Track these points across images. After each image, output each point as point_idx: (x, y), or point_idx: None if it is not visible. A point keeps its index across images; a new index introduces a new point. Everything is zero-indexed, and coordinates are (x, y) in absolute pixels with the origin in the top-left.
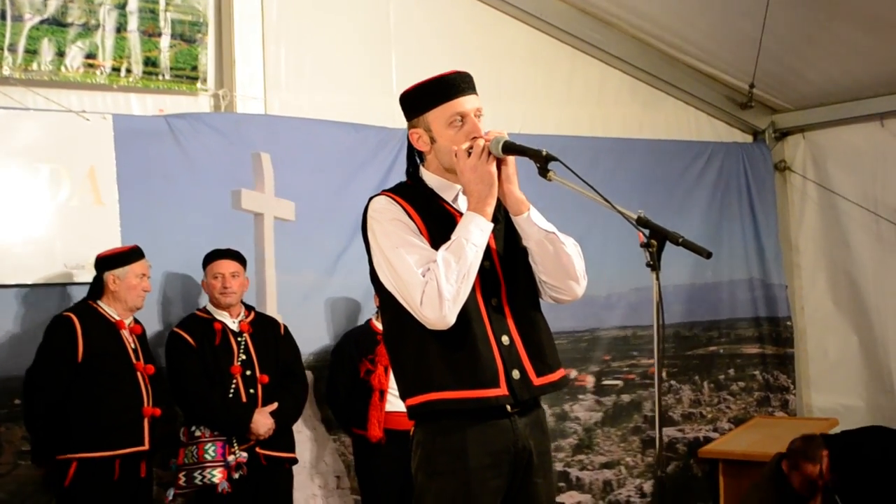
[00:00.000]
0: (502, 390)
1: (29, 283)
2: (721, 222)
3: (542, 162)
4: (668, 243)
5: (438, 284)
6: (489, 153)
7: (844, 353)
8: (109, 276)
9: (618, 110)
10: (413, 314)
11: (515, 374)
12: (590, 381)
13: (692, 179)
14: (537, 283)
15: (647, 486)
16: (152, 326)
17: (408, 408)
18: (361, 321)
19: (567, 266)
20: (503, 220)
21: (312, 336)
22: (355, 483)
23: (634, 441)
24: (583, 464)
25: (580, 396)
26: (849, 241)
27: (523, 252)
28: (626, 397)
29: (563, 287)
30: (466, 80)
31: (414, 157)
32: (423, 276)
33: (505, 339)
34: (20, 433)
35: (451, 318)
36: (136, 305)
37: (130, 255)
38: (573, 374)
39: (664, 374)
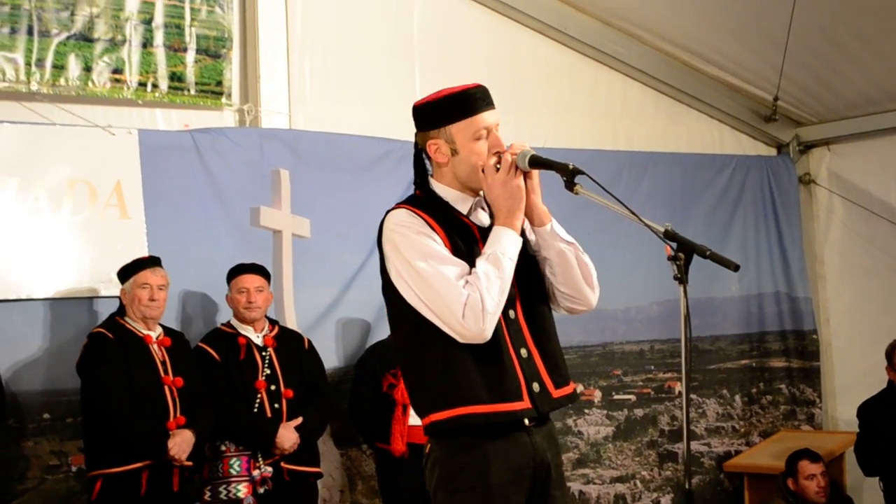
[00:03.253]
0: (525, 403)
1: (57, 296)
2: (745, 235)
3: (569, 175)
4: (695, 256)
5: (482, 297)
6: (516, 167)
7: (870, 366)
8: (121, 290)
9: (641, 123)
10: (445, 328)
11: (535, 386)
12: (597, 395)
13: (716, 193)
14: (551, 294)
15: (666, 501)
16: None
17: (429, 423)
18: (380, 336)
19: (587, 276)
20: None
21: (331, 351)
22: (358, 496)
23: (651, 455)
24: (588, 478)
25: (586, 411)
26: (874, 253)
27: (535, 264)
28: (639, 412)
29: (580, 297)
30: (487, 94)
31: (423, 168)
32: (464, 288)
33: (524, 352)
34: (48, 447)
35: (489, 332)
36: (148, 316)
37: (135, 265)
38: (580, 388)
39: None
